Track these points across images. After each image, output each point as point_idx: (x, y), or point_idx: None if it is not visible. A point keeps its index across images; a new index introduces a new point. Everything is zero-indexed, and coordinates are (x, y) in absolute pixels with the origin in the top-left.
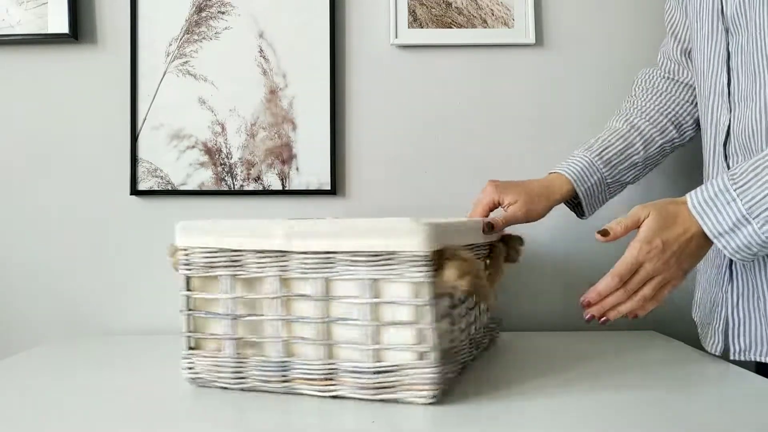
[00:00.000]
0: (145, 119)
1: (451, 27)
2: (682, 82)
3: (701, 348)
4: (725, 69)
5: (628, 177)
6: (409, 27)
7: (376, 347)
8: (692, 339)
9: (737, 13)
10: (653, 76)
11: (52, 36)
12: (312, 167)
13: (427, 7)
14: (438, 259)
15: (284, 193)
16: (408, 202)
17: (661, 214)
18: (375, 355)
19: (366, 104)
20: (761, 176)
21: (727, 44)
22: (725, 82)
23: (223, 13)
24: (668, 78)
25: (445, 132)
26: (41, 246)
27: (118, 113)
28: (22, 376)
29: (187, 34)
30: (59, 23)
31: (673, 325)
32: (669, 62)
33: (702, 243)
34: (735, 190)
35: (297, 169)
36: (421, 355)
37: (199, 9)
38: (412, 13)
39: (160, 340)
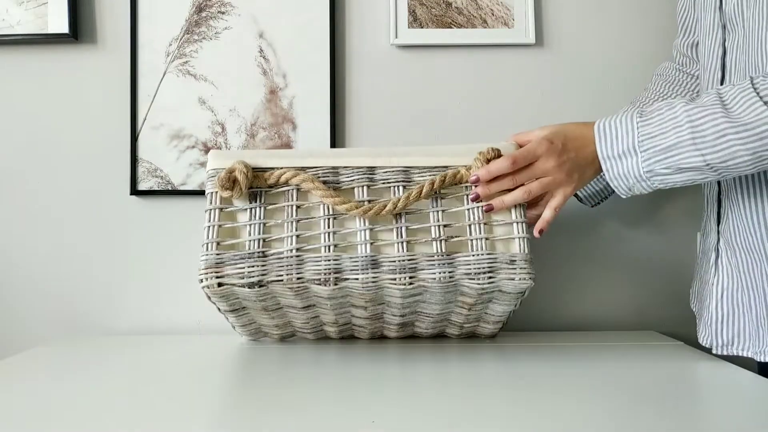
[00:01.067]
0: (145, 119)
1: (451, 27)
2: (691, 74)
3: (701, 347)
4: (720, 65)
5: None
6: (409, 27)
7: None
8: (692, 339)
9: (734, 11)
10: (668, 68)
11: (52, 36)
12: None
13: (427, 7)
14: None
15: None
16: None
17: (565, 126)
18: None
19: (366, 104)
20: (663, 117)
21: (724, 41)
22: (719, 78)
23: (223, 13)
24: (680, 70)
25: (445, 132)
26: (41, 246)
27: (118, 113)
28: (22, 376)
29: (187, 34)
30: (59, 23)
31: (673, 325)
32: (679, 56)
33: (592, 159)
34: (637, 122)
35: None
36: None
37: (199, 9)
38: (412, 13)
39: (159, 340)
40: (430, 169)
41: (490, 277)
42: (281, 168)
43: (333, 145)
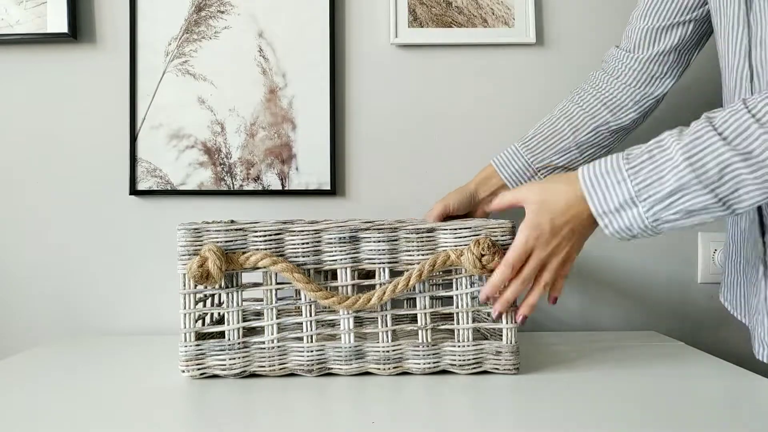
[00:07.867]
0: (144, 119)
1: (451, 26)
2: (639, 59)
3: (699, 347)
4: (747, 62)
5: (561, 161)
6: (409, 26)
7: None
8: (692, 339)
9: (761, 5)
10: (612, 57)
11: (51, 36)
12: (312, 167)
13: (427, 7)
14: (193, 255)
15: (284, 193)
16: (408, 202)
17: (545, 194)
18: None
19: (366, 104)
20: (655, 159)
21: (750, 37)
22: (748, 75)
23: (222, 12)
24: (626, 55)
25: (445, 132)
26: (41, 246)
27: (118, 113)
28: (22, 376)
29: (187, 33)
30: (58, 23)
31: (673, 325)
32: (630, 39)
33: (591, 221)
34: (627, 170)
35: (297, 168)
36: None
37: (199, 8)
38: (412, 12)
39: (159, 340)
40: (417, 249)
41: (475, 368)
42: (257, 251)
43: (333, 144)
